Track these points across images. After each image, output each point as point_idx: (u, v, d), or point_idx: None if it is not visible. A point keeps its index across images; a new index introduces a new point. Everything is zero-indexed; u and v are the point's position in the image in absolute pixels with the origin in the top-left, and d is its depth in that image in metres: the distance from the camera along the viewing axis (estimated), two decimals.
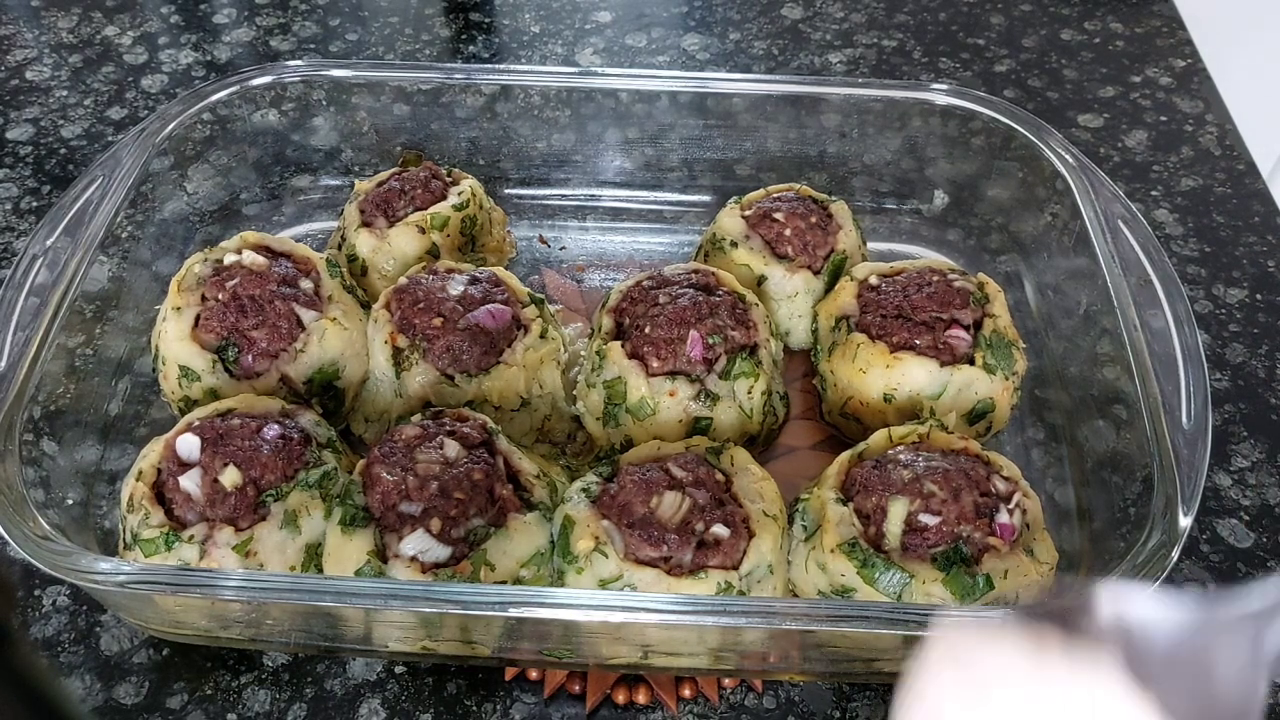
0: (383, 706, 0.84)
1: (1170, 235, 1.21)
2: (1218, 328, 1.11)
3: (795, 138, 1.19)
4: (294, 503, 0.83)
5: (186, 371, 0.94)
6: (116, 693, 0.84)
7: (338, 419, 0.99)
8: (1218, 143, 1.32)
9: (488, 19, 1.51)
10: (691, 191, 1.23)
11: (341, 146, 1.22)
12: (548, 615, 0.73)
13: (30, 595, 0.89)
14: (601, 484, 0.85)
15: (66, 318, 0.90)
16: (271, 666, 0.86)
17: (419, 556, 0.79)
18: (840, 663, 0.83)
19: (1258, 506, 0.97)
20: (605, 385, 0.95)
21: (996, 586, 0.79)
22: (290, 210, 1.22)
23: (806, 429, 1.04)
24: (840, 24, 1.50)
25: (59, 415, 0.90)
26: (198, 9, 1.51)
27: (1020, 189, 1.11)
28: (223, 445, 0.84)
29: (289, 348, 0.94)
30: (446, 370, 0.94)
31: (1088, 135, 1.33)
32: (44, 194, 1.24)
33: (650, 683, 0.85)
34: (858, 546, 0.81)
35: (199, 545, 0.80)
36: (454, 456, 0.83)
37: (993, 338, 0.95)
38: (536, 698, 0.85)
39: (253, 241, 1.00)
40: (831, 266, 1.07)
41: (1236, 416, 1.03)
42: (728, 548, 0.80)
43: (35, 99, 1.36)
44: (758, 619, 0.73)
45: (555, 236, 1.21)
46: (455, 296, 0.96)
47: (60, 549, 0.75)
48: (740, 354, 0.94)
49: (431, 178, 1.11)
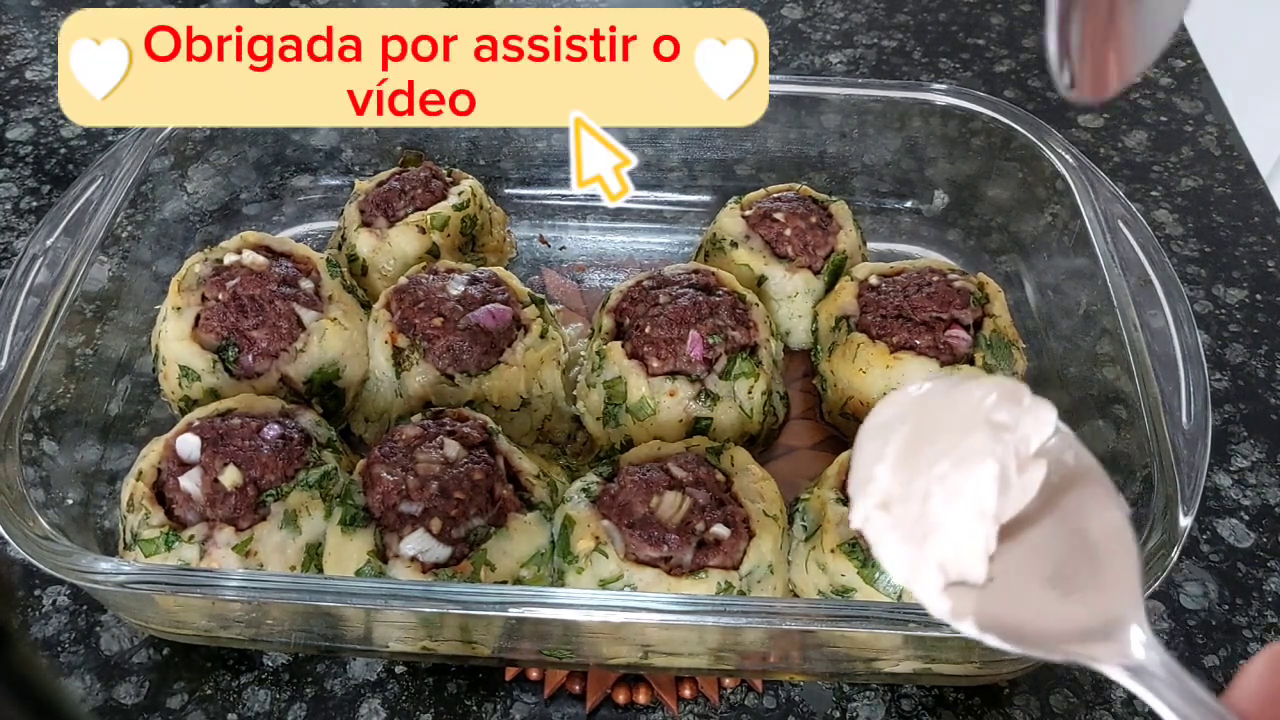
0: (383, 706, 0.84)
1: (1170, 235, 1.21)
2: (1218, 328, 1.11)
3: (795, 138, 1.19)
4: (294, 503, 0.83)
5: (186, 371, 0.94)
6: (116, 693, 0.84)
7: (338, 419, 0.99)
8: (1218, 143, 1.32)
9: None
10: (691, 191, 1.23)
11: (341, 146, 1.22)
12: (548, 615, 0.73)
13: (30, 595, 0.89)
14: (601, 484, 0.85)
15: (66, 318, 0.90)
16: (271, 666, 0.86)
17: (419, 556, 0.79)
18: (840, 663, 0.83)
19: (1258, 506, 0.97)
20: (605, 385, 0.95)
21: None
22: (290, 210, 1.22)
23: (806, 429, 1.04)
24: (840, 24, 1.50)
25: (59, 415, 0.90)
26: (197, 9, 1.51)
27: (1020, 189, 1.11)
28: (223, 445, 0.84)
29: (289, 348, 0.94)
30: (447, 370, 0.94)
31: (1088, 135, 1.33)
32: (44, 194, 1.24)
33: (650, 683, 0.85)
34: (858, 546, 0.81)
35: (199, 545, 0.80)
36: (454, 456, 0.83)
37: (992, 338, 0.95)
38: (536, 698, 0.85)
39: (253, 241, 1.00)
40: (831, 266, 1.07)
41: (1236, 416, 1.04)
42: (728, 548, 0.80)
43: (35, 99, 1.36)
44: (758, 619, 0.73)
45: (555, 236, 1.21)
46: (455, 296, 0.96)
47: (60, 549, 0.75)
48: (740, 354, 0.94)
49: (432, 178, 1.11)
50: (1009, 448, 0.48)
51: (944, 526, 0.47)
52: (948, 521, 0.47)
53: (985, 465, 0.47)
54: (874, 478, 0.49)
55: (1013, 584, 0.47)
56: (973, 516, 0.47)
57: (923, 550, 0.47)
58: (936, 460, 0.48)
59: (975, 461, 0.47)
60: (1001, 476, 0.47)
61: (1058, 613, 0.46)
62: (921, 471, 0.48)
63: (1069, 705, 0.84)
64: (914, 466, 0.49)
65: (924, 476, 0.48)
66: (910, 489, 0.48)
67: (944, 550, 0.47)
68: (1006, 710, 0.84)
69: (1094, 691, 0.85)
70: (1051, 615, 0.46)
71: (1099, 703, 0.84)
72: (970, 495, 0.47)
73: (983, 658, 0.80)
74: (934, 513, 0.47)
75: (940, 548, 0.47)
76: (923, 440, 0.49)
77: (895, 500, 0.48)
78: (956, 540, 0.47)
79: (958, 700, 0.85)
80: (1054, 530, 0.48)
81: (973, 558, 0.47)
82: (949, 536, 0.47)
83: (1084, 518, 0.48)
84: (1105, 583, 0.45)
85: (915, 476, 0.48)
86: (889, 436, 0.50)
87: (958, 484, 0.47)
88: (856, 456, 0.52)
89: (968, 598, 0.47)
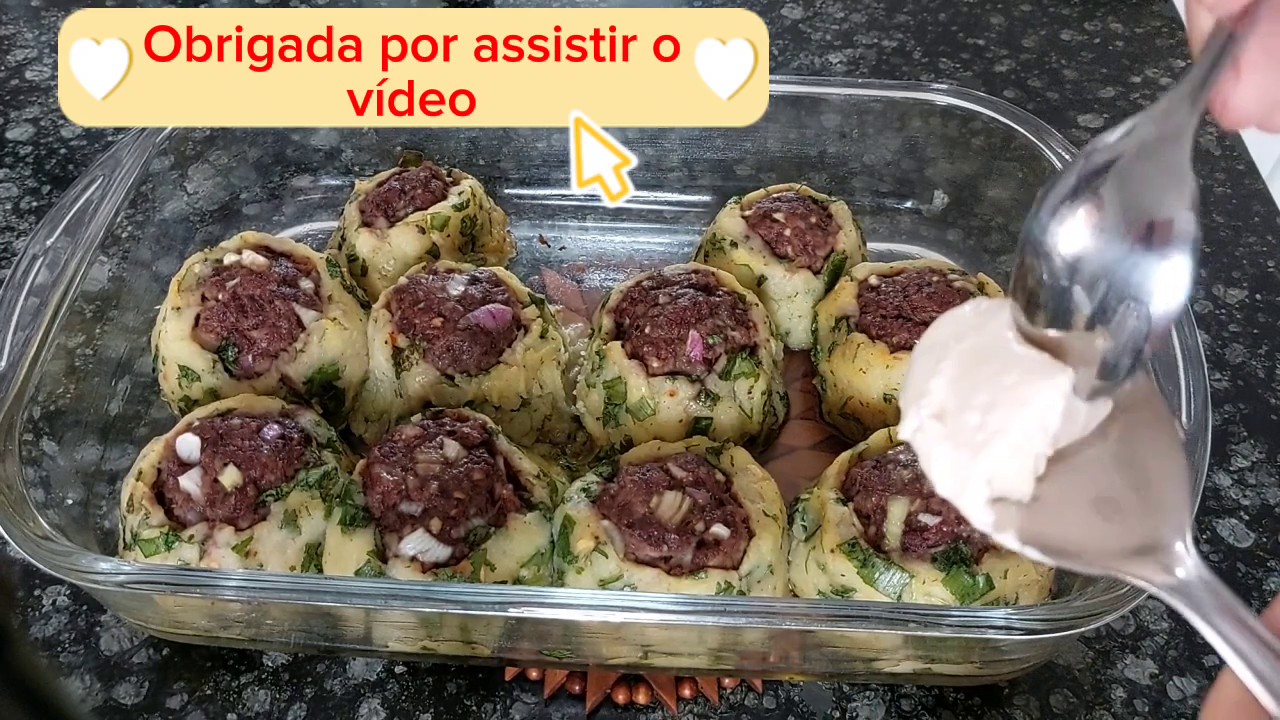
0: (383, 706, 0.84)
1: None
2: (1218, 328, 1.11)
3: (795, 138, 1.19)
4: (294, 503, 0.83)
5: (186, 371, 0.94)
6: (116, 693, 0.84)
7: (338, 419, 0.99)
8: (1218, 143, 1.32)
9: None
10: (691, 191, 1.23)
11: (341, 146, 1.22)
12: (548, 615, 0.73)
13: (30, 595, 0.89)
14: (601, 484, 0.85)
15: (66, 318, 0.90)
16: (271, 666, 0.86)
17: (419, 556, 0.79)
18: (840, 663, 0.83)
19: (1258, 506, 0.97)
20: (605, 385, 0.95)
21: (996, 586, 0.79)
22: (290, 210, 1.22)
23: (806, 429, 1.04)
24: (840, 24, 1.50)
25: (59, 415, 0.90)
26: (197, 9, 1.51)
27: (1020, 189, 1.11)
28: (223, 445, 0.84)
29: (289, 348, 0.94)
30: (446, 370, 0.94)
31: (1088, 135, 1.33)
32: (44, 194, 1.24)
33: (650, 683, 0.85)
34: (858, 546, 0.81)
35: (199, 545, 0.80)
36: (454, 456, 0.83)
37: None
38: (536, 698, 0.85)
39: (253, 241, 1.00)
40: (831, 266, 1.07)
41: (1236, 416, 1.04)
42: (728, 548, 0.80)
43: (35, 99, 1.36)
44: (758, 619, 0.73)
45: (555, 236, 1.21)
46: (455, 296, 0.96)
47: (60, 549, 0.75)
48: (740, 354, 0.94)
49: (431, 178, 1.11)
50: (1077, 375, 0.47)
51: (1003, 436, 0.46)
52: (1009, 431, 0.46)
53: (1058, 379, 0.46)
54: (929, 390, 0.49)
55: (1058, 505, 0.47)
56: (1036, 429, 0.46)
57: (975, 461, 0.47)
58: (1004, 371, 0.47)
59: (1047, 374, 0.46)
60: (1070, 395, 0.46)
61: (1102, 532, 0.45)
62: (985, 383, 0.47)
63: (1069, 705, 0.84)
64: (975, 379, 0.48)
65: (989, 387, 0.47)
66: (971, 400, 0.47)
67: (996, 462, 0.47)
68: (1006, 710, 0.84)
69: (1094, 692, 0.85)
70: (1095, 534, 0.45)
71: (1099, 703, 0.84)
72: (1037, 407, 0.46)
73: (983, 658, 0.80)
74: (994, 423, 0.47)
75: (993, 459, 0.47)
76: (986, 354, 0.49)
77: (951, 411, 0.48)
78: (1013, 452, 0.46)
79: (958, 700, 0.85)
80: (1104, 454, 0.48)
81: (1022, 474, 0.47)
82: (1005, 447, 0.46)
83: (1135, 442, 0.48)
84: (1153, 507, 0.45)
85: (978, 388, 0.47)
86: (944, 354, 0.50)
87: (1027, 394, 0.46)
88: (910, 374, 0.51)
89: (1010, 514, 0.47)
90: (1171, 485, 0.46)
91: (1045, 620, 0.71)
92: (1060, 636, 0.71)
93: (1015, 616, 0.71)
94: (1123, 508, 0.46)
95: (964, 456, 0.47)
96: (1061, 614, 0.71)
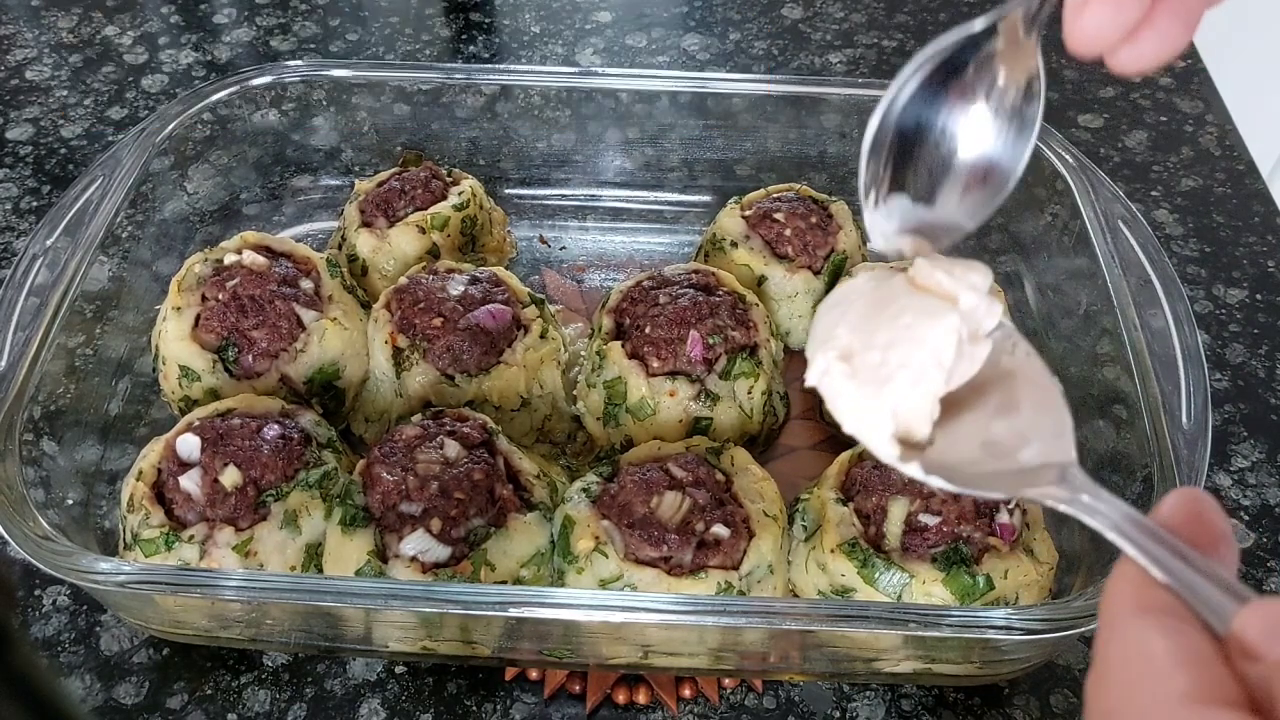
0: (383, 706, 0.84)
1: (1170, 235, 1.21)
2: (1218, 328, 1.11)
3: (795, 138, 1.19)
4: (294, 503, 0.83)
5: (186, 371, 0.94)
6: (116, 693, 0.84)
7: (338, 419, 0.99)
8: (1218, 143, 1.32)
9: (488, 19, 1.51)
10: (691, 191, 1.23)
11: (342, 146, 1.22)
12: (548, 615, 0.73)
13: (30, 595, 0.89)
14: (601, 484, 0.85)
15: (66, 318, 0.90)
16: (271, 666, 0.86)
17: (419, 556, 0.79)
18: (840, 663, 0.83)
19: (1258, 506, 0.97)
20: (605, 385, 0.95)
21: (997, 587, 0.79)
22: (290, 210, 1.22)
23: (806, 429, 1.04)
24: (840, 24, 1.50)
25: (59, 415, 0.90)
26: (198, 9, 1.51)
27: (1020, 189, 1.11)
28: (223, 445, 0.84)
29: (289, 348, 0.94)
30: (447, 370, 0.94)
31: (1088, 135, 1.33)
32: (44, 194, 1.24)
33: (650, 683, 0.85)
34: (858, 546, 0.81)
35: (199, 545, 0.80)
36: (454, 456, 0.83)
37: None
38: (536, 698, 0.85)
39: (253, 241, 1.00)
40: (831, 266, 1.07)
41: (1236, 416, 1.04)
42: (728, 548, 0.80)
43: (35, 99, 1.36)
44: (758, 619, 0.73)
45: (555, 236, 1.21)
46: (455, 296, 0.96)
47: (60, 549, 0.75)
48: (740, 354, 0.94)
49: (432, 178, 1.11)
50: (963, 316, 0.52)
51: (904, 371, 0.50)
52: (909, 365, 0.50)
53: (948, 318, 0.51)
54: (835, 336, 0.53)
55: (954, 444, 0.51)
56: (932, 365, 0.50)
57: (879, 396, 0.51)
58: (900, 314, 0.52)
59: (938, 315, 0.51)
60: (959, 335, 0.51)
61: (997, 462, 0.50)
62: (885, 325, 0.52)
63: (1069, 705, 0.84)
64: (876, 323, 0.52)
65: (889, 328, 0.51)
66: (873, 339, 0.51)
67: (899, 395, 0.50)
68: (1006, 710, 0.84)
69: None
70: (991, 464, 0.50)
71: None
72: (932, 344, 0.50)
73: (983, 658, 0.80)
74: (895, 359, 0.51)
75: (896, 394, 0.50)
76: (884, 303, 0.53)
77: (856, 351, 0.52)
78: (912, 387, 0.50)
79: (958, 700, 0.85)
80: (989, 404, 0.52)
81: (921, 413, 0.51)
82: (906, 381, 0.50)
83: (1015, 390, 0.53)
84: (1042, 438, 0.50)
85: (878, 330, 0.52)
86: (846, 309, 0.54)
87: (922, 333, 0.50)
88: (814, 327, 0.55)
89: (914, 449, 0.51)
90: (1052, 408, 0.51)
91: (1045, 620, 0.71)
92: (1060, 636, 0.72)
93: (1015, 616, 0.71)
94: (1014, 441, 0.51)
95: (869, 392, 0.51)
96: (1061, 614, 0.71)
